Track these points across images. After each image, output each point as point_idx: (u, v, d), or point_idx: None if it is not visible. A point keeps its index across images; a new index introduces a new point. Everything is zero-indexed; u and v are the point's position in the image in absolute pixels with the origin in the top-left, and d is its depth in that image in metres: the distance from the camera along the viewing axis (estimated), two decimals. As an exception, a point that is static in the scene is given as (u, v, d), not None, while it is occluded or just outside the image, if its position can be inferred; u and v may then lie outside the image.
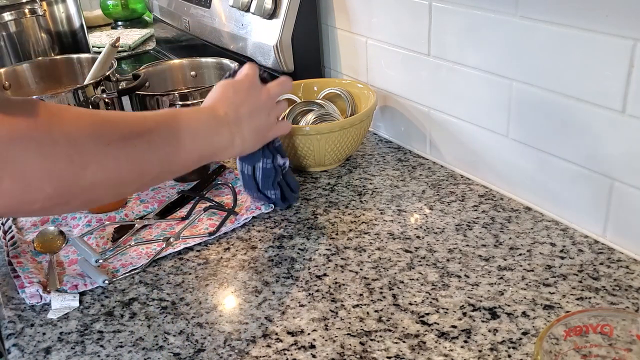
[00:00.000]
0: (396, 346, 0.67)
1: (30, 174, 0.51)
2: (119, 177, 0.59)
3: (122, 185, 0.61)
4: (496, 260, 0.79)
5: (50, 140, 0.52)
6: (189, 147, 0.68)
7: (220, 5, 1.40)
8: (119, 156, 0.58)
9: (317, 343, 0.68)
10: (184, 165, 0.70)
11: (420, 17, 0.98)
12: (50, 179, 0.52)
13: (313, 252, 0.84)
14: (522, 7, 0.81)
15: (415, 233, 0.86)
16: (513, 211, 0.90)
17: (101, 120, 0.59)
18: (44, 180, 0.52)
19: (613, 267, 0.76)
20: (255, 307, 0.74)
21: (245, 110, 0.76)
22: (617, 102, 0.73)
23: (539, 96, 0.83)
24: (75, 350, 0.70)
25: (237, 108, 0.75)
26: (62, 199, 0.55)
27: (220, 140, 0.73)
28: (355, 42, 1.16)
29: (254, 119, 0.77)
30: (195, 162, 0.71)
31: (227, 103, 0.75)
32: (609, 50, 0.72)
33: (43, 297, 0.77)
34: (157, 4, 1.81)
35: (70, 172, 0.54)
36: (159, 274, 0.82)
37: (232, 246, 0.87)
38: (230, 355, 0.67)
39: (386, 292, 0.75)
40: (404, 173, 1.03)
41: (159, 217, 0.94)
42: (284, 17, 1.18)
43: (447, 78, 0.97)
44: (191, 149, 0.68)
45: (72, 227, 0.93)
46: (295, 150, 1.01)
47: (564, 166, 0.83)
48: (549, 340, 0.52)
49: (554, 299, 0.72)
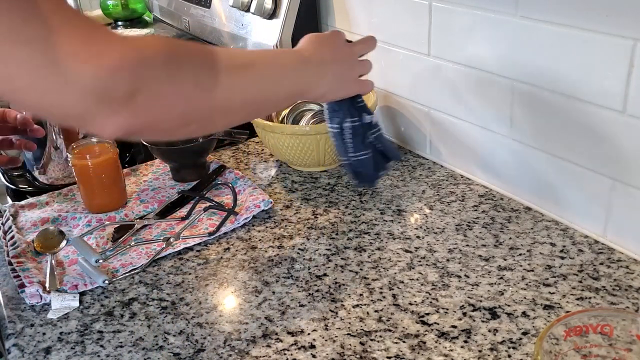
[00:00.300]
0: (396, 346, 0.67)
1: (161, 93, 0.55)
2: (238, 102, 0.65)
3: (236, 112, 0.67)
4: (496, 260, 0.79)
5: (177, 65, 0.57)
6: (280, 82, 0.73)
7: (220, 5, 1.40)
8: (235, 83, 0.64)
9: (317, 343, 0.68)
10: (276, 101, 0.75)
11: (420, 17, 0.98)
12: (179, 99, 0.57)
13: (313, 252, 0.84)
14: (522, 7, 0.81)
15: (415, 233, 0.86)
16: (513, 211, 0.90)
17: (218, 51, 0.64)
18: (175, 100, 0.57)
19: (613, 267, 0.76)
20: (255, 307, 0.74)
21: (328, 57, 0.79)
22: (617, 102, 0.73)
23: (539, 96, 0.83)
24: (75, 350, 0.70)
25: (322, 54, 0.79)
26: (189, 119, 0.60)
27: (306, 78, 0.77)
28: (355, 42, 1.16)
29: (337, 67, 0.81)
30: (285, 99, 0.77)
31: (312, 48, 0.79)
32: (609, 50, 0.72)
33: (43, 297, 0.77)
34: (157, 4, 1.81)
35: (197, 94, 0.59)
36: (159, 274, 0.82)
37: (232, 246, 0.87)
38: (230, 355, 0.67)
39: (386, 292, 0.75)
40: (404, 173, 1.03)
41: (159, 217, 0.94)
42: (284, 17, 1.18)
43: (447, 78, 0.97)
44: (282, 84, 0.73)
45: (72, 227, 0.93)
46: (295, 150, 1.01)
47: (564, 166, 0.83)
48: (549, 340, 0.52)
49: (554, 299, 0.72)
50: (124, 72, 0.51)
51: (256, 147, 1.17)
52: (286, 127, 1.00)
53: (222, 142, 1.17)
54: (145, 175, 1.08)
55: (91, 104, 0.51)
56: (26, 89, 0.50)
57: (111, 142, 0.97)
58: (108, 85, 0.51)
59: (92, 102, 0.51)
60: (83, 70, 0.50)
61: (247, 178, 1.02)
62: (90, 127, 0.54)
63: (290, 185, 1.02)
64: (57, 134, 1.03)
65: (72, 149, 0.95)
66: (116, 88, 0.51)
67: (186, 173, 1.04)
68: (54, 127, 1.02)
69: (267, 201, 0.94)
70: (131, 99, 0.52)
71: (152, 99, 0.55)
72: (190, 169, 1.04)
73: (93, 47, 0.50)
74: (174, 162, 1.04)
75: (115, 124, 0.53)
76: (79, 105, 0.51)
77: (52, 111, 0.53)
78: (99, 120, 0.53)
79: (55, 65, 0.49)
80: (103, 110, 0.52)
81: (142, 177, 1.07)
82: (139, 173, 1.09)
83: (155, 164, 1.11)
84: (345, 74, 0.82)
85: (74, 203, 0.99)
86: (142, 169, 1.10)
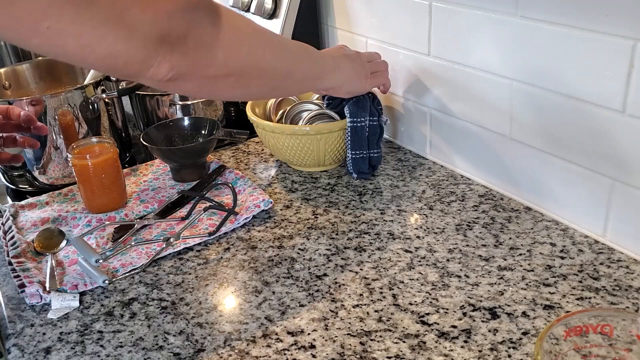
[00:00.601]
0: (396, 346, 0.67)
1: (206, 37, 0.61)
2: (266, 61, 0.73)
3: (265, 73, 0.74)
4: (496, 260, 0.79)
5: (217, 12, 0.62)
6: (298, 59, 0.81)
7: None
8: (268, 48, 0.72)
9: (317, 343, 0.68)
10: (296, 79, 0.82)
11: (420, 17, 0.98)
12: (219, 45, 0.63)
13: (313, 252, 0.84)
14: (522, 7, 0.81)
15: (415, 233, 0.86)
16: (513, 211, 0.90)
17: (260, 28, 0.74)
18: (215, 45, 0.62)
19: (613, 267, 0.76)
20: (255, 307, 0.74)
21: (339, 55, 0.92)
22: (617, 102, 0.73)
23: (539, 96, 0.83)
24: (75, 350, 0.70)
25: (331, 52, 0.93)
26: (228, 69, 0.66)
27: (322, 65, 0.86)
28: (355, 42, 1.16)
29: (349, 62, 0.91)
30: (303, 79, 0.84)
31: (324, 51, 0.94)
32: (609, 50, 0.72)
33: (43, 297, 0.77)
34: (157, 4, 1.81)
35: (232, 42, 0.65)
36: (159, 274, 0.82)
37: (232, 246, 0.87)
38: (230, 355, 0.67)
39: (386, 292, 0.75)
40: (404, 173, 1.03)
41: (159, 217, 0.94)
42: (284, 17, 1.18)
43: (447, 78, 0.97)
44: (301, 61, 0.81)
45: (72, 227, 0.93)
46: (295, 150, 1.01)
47: (564, 166, 0.83)
48: (549, 340, 0.52)
49: (554, 299, 0.72)
50: (177, 15, 0.57)
51: (256, 147, 1.17)
52: (286, 127, 1.00)
53: (222, 142, 1.17)
54: (145, 175, 1.08)
55: (152, 47, 0.56)
56: (94, 44, 0.54)
57: (111, 142, 0.97)
58: (165, 28, 0.56)
59: (152, 46, 0.56)
60: (144, 17, 0.55)
61: (247, 178, 1.02)
62: (147, 72, 0.58)
63: (290, 185, 1.02)
64: (57, 134, 1.03)
65: (72, 149, 0.95)
66: (172, 30, 0.57)
67: (186, 173, 1.04)
68: (54, 127, 1.02)
69: (267, 201, 0.94)
70: (183, 40, 0.58)
71: (199, 42, 0.60)
72: (190, 169, 1.04)
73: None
74: (174, 162, 1.04)
75: (169, 66, 0.58)
76: (141, 51, 0.56)
77: (117, 63, 0.56)
78: (157, 63, 0.57)
79: (119, 18, 0.53)
80: (161, 53, 0.57)
81: (142, 177, 1.07)
82: (139, 173, 1.09)
83: (155, 164, 1.11)
84: (357, 69, 0.92)
85: (74, 203, 0.99)
86: (142, 169, 1.10)
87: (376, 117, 0.98)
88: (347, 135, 0.98)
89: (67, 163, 1.01)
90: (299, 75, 0.82)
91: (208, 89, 0.70)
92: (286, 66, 0.78)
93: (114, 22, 0.53)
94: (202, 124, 1.09)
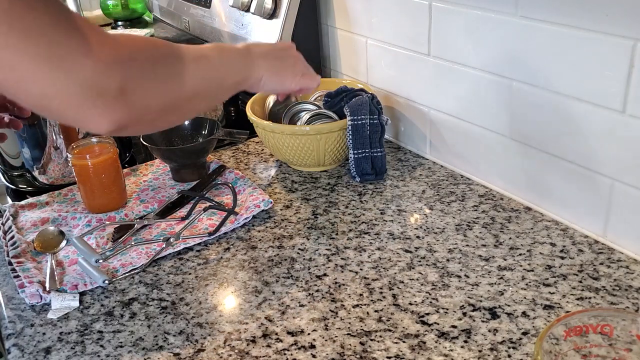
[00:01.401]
0: (396, 346, 0.67)
1: (146, 87, 0.60)
2: (202, 90, 0.70)
3: (201, 99, 0.72)
4: (496, 260, 0.79)
5: (153, 61, 0.62)
6: (228, 71, 0.77)
7: (220, 5, 1.40)
8: (196, 75, 0.69)
9: (317, 343, 0.68)
10: (226, 89, 0.78)
11: (420, 17, 0.98)
12: (160, 91, 0.62)
13: (313, 252, 0.84)
14: (522, 7, 0.81)
15: (415, 233, 0.86)
16: (513, 211, 0.90)
17: (181, 46, 0.69)
18: (156, 93, 0.62)
19: (613, 267, 0.76)
20: (255, 307, 0.74)
21: (264, 50, 0.85)
22: (617, 102, 0.73)
23: (539, 96, 0.83)
24: (75, 350, 0.70)
25: (259, 48, 0.85)
26: (168, 109, 0.65)
27: (245, 68, 0.81)
28: (355, 42, 1.16)
29: (274, 60, 0.85)
30: (230, 87, 0.79)
31: (251, 44, 0.86)
32: (609, 50, 0.72)
33: (43, 297, 0.77)
34: (157, 4, 1.81)
35: (172, 86, 0.64)
36: (159, 274, 0.82)
37: (232, 246, 0.87)
38: (230, 355, 0.67)
39: (386, 292, 0.75)
40: (404, 173, 1.03)
41: (159, 217, 0.94)
42: (284, 17, 1.18)
43: (447, 78, 0.97)
44: (229, 73, 0.77)
45: (72, 227, 0.93)
46: (295, 150, 1.01)
47: (564, 166, 0.83)
48: (549, 340, 0.52)
49: (554, 299, 0.72)
50: (117, 66, 0.55)
51: (256, 147, 1.17)
52: (286, 127, 1.00)
53: (222, 142, 1.17)
54: (145, 175, 1.08)
55: (89, 97, 0.54)
56: (29, 80, 0.52)
57: (111, 141, 0.97)
58: (104, 79, 0.54)
59: (89, 96, 0.54)
60: (84, 64, 0.53)
61: (247, 178, 1.02)
62: (85, 121, 0.56)
63: (290, 185, 1.02)
64: (57, 134, 1.03)
65: (72, 149, 0.95)
66: (111, 82, 0.55)
67: (186, 173, 1.04)
68: (54, 127, 1.02)
69: (267, 201, 0.94)
70: (122, 93, 0.56)
71: (139, 93, 0.59)
72: (190, 169, 1.04)
73: (92, 44, 0.53)
74: (174, 162, 1.04)
75: (109, 118, 0.56)
76: (77, 99, 0.54)
77: (51, 105, 0.54)
78: (95, 114, 0.55)
79: (58, 59, 0.52)
80: (99, 104, 0.55)
81: (142, 177, 1.07)
82: (139, 173, 1.09)
83: (155, 164, 1.11)
84: (282, 68, 0.87)
85: (74, 203, 0.99)
86: (142, 169, 1.10)
87: (376, 116, 0.98)
88: (348, 135, 0.98)
89: (67, 163, 1.01)
90: (228, 85, 0.78)
91: (148, 129, 0.72)
92: (216, 85, 0.75)
93: (53, 62, 0.51)
94: (202, 124, 1.09)
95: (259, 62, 0.83)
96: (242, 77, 0.81)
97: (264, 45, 0.89)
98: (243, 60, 0.81)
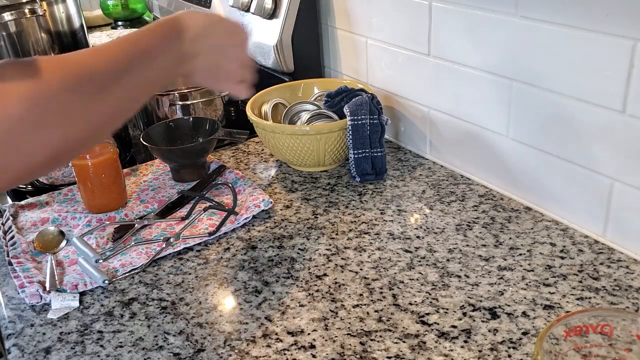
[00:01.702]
0: (396, 346, 0.67)
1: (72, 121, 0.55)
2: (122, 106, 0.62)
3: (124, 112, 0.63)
4: (496, 260, 0.79)
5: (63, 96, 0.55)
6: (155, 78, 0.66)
7: (220, 5, 1.40)
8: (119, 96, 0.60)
9: (317, 343, 0.68)
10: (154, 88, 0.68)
11: (420, 17, 0.98)
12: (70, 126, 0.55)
13: (313, 252, 0.84)
14: (522, 7, 0.81)
15: (415, 233, 0.86)
16: (513, 211, 0.90)
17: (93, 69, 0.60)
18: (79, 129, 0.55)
19: (613, 267, 0.76)
20: (255, 307, 0.74)
21: (205, 38, 0.71)
22: (617, 102, 0.73)
23: (539, 96, 0.83)
24: (75, 350, 0.70)
25: (198, 31, 0.71)
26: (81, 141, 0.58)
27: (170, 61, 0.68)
28: (355, 42, 1.16)
29: (215, 55, 0.72)
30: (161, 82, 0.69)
31: (185, 18, 0.72)
32: (609, 50, 0.72)
33: (43, 297, 0.77)
34: (157, 4, 1.81)
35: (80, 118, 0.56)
36: (159, 274, 0.82)
37: (232, 246, 0.87)
38: (230, 355, 0.67)
39: (386, 292, 0.75)
40: (404, 173, 1.03)
41: (159, 217, 0.94)
42: (284, 17, 1.18)
43: (447, 78, 0.97)
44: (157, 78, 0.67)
45: (72, 227, 0.93)
46: (295, 150, 1.01)
47: (564, 166, 0.83)
48: (549, 340, 0.52)
49: (554, 299, 0.72)
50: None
51: (256, 147, 1.17)
52: (286, 127, 1.00)
53: (222, 142, 1.17)
54: (145, 175, 1.08)
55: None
56: None
57: (111, 141, 0.97)
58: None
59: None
60: None
61: (247, 178, 1.02)
62: None
63: (290, 185, 1.02)
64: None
65: (72, 149, 0.95)
66: None
67: (186, 173, 1.04)
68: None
69: (267, 201, 0.94)
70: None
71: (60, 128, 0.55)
72: (190, 169, 1.04)
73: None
74: (174, 162, 1.04)
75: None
76: None
77: None
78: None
79: None
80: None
81: (142, 177, 1.07)
82: (139, 173, 1.09)
83: (155, 164, 1.11)
84: (226, 71, 0.74)
85: (74, 203, 0.99)
86: (142, 169, 1.10)
87: (376, 116, 0.98)
88: (349, 135, 0.98)
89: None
90: (156, 85, 0.69)
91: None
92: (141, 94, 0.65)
93: None
94: (202, 124, 1.09)
95: (196, 59, 0.70)
96: (171, 75, 0.69)
97: (205, 26, 0.71)
98: (172, 51, 0.68)
